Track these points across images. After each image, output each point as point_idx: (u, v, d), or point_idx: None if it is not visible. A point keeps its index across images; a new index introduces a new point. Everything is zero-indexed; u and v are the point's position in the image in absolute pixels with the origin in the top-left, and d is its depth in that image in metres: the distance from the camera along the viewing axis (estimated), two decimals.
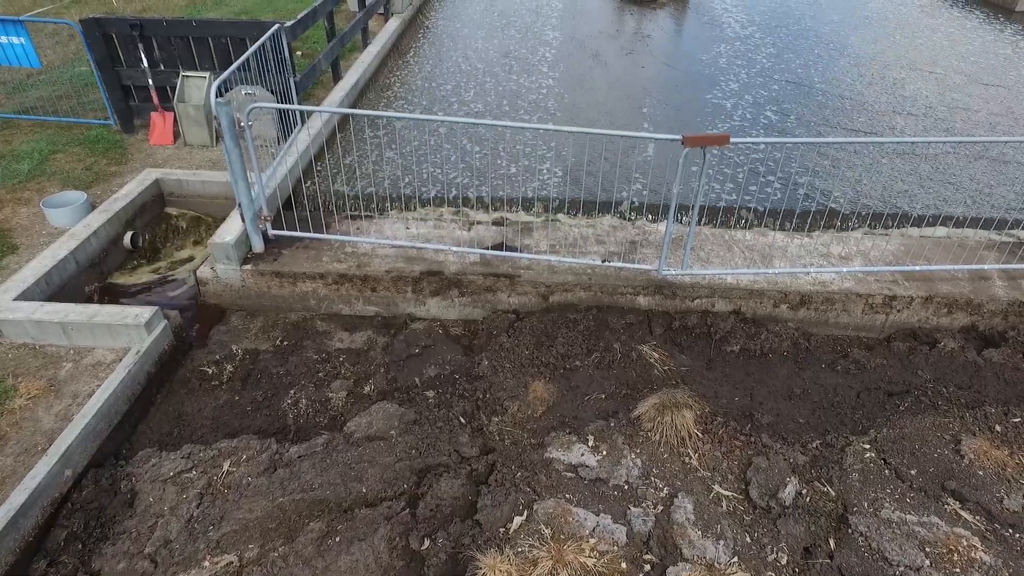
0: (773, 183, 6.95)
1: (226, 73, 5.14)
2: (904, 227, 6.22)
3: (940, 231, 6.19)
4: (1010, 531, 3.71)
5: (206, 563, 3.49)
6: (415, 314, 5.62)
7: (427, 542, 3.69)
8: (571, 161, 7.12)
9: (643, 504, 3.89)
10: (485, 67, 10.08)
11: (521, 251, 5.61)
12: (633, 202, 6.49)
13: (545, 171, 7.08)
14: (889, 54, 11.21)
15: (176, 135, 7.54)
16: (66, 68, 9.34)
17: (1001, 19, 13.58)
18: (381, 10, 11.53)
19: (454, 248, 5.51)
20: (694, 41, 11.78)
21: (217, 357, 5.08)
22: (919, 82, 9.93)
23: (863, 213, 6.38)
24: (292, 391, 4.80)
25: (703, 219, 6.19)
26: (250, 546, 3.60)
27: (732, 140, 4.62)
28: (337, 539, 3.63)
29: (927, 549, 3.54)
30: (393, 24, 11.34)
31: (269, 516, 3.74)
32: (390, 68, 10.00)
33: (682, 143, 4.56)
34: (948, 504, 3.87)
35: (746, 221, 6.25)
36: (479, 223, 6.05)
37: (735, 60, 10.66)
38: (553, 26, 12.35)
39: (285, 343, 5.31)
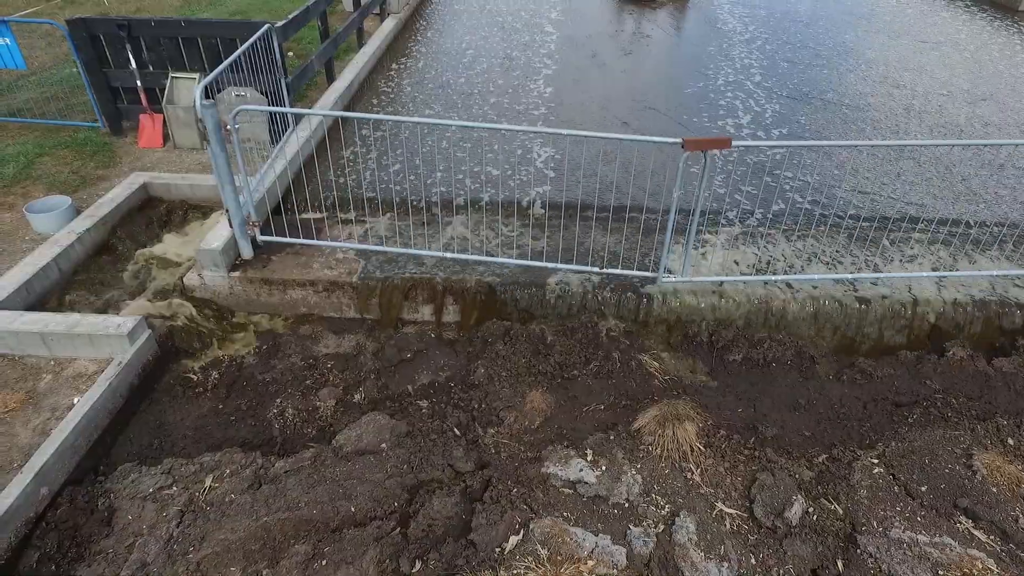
0: (778, 187, 6.79)
1: (213, 74, 4.98)
2: (913, 232, 6.06)
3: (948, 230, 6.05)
4: None
5: None
6: (406, 318, 5.46)
7: (418, 564, 3.53)
8: (568, 164, 6.96)
9: (644, 523, 3.73)
10: (481, 68, 9.92)
11: (515, 256, 5.46)
12: (633, 206, 6.34)
13: (541, 175, 6.93)
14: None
15: (165, 137, 7.38)
16: (56, 70, 9.18)
17: None
18: (377, 10, 11.38)
19: (447, 255, 5.35)
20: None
21: (203, 363, 4.92)
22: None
23: (873, 217, 6.23)
24: (278, 400, 4.64)
25: (704, 225, 6.04)
26: (232, 569, 3.44)
27: (734, 144, 4.47)
28: (324, 562, 3.46)
29: (940, 572, 3.38)
30: (389, 24, 11.19)
31: (252, 537, 3.57)
32: (385, 69, 9.84)
33: (682, 147, 4.40)
34: (961, 523, 3.71)
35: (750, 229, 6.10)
36: (473, 228, 5.89)
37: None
38: (551, 26, 12.20)
39: (268, 347, 5.14)
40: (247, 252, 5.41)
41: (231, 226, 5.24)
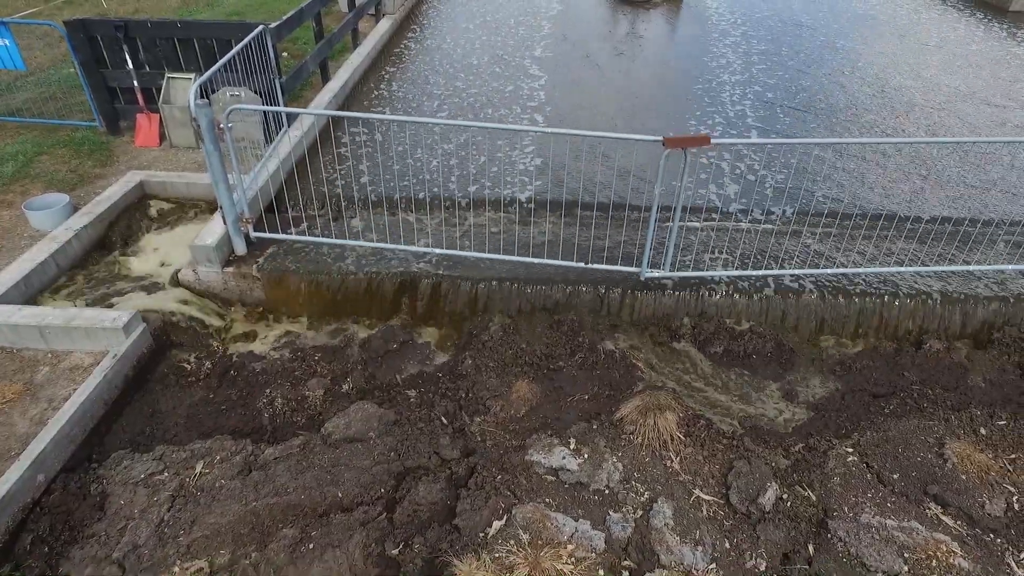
0: (761, 183, 6.91)
1: (206, 75, 5.10)
2: (902, 228, 6.17)
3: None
4: (991, 536, 3.66)
5: (176, 569, 3.44)
6: (392, 311, 5.55)
7: (403, 548, 3.64)
8: (554, 162, 7.08)
9: (623, 509, 3.84)
10: (475, 69, 10.05)
11: (503, 253, 5.57)
12: (616, 202, 6.45)
13: (528, 172, 7.04)
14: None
15: (162, 137, 7.50)
16: (54, 70, 9.30)
17: None
18: (372, 11, 11.50)
19: (436, 250, 5.47)
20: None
21: (196, 354, 5.03)
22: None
23: (856, 214, 6.34)
24: (268, 389, 4.74)
25: (686, 220, 6.15)
26: (221, 552, 3.55)
27: (713, 141, 4.59)
28: (311, 545, 3.57)
29: (906, 554, 3.49)
30: (384, 25, 11.31)
31: (242, 521, 3.68)
32: (380, 69, 9.96)
33: (663, 144, 4.52)
34: (929, 509, 3.82)
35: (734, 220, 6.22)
36: (461, 224, 6.00)
37: None
38: (547, 27, 12.33)
39: (259, 339, 5.25)
40: (240, 248, 5.53)
41: (225, 223, 5.35)
